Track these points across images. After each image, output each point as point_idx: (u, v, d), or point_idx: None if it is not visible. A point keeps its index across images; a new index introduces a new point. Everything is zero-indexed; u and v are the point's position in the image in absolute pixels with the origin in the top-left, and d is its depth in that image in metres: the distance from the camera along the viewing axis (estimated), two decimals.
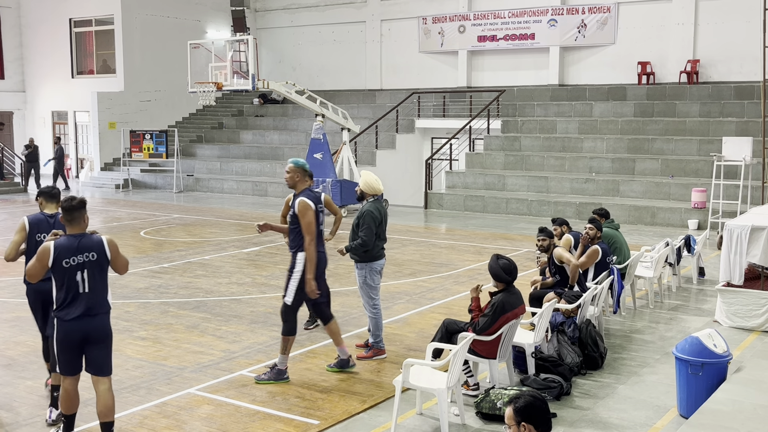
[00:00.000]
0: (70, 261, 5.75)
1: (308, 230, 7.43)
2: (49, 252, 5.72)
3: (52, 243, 5.77)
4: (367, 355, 8.33)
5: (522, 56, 26.32)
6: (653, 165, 20.22)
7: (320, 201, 7.80)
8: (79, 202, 5.87)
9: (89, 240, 5.87)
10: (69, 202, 5.85)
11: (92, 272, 5.84)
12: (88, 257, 5.82)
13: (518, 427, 3.96)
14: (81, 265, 5.78)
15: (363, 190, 8.18)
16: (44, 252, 5.74)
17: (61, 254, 5.73)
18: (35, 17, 31.61)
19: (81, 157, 31.07)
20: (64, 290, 5.77)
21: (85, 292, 5.81)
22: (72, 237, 5.83)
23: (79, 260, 5.78)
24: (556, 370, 7.45)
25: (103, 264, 5.92)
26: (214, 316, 10.10)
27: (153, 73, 29.78)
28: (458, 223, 18.80)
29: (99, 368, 5.98)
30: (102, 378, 5.97)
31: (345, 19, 30.27)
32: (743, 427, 5.59)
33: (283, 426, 6.61)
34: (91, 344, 5.88)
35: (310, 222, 7.42)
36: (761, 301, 9.35)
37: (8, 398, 7.21)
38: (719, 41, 22.84)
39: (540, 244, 9.27)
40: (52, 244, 5.77)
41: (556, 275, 9.01)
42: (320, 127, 20.29)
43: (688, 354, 6.65)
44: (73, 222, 5.85)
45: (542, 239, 9.23)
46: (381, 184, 8.25)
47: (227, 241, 15.96)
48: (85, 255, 5.81)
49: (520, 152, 22.64)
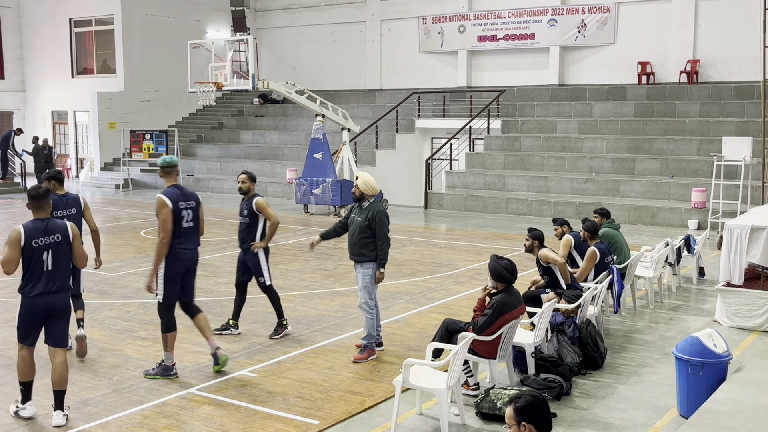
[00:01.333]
0: (39, 242, 6.40)
1: (163, 227, 7.53)
2: (20, 234, 6.37)
3: (21, 226, 6.42)
4: (362, 356, 8.30)
5: (522, 56, 26.33)
6: (653, 165, 20.22)
7: (189, 198, 7.79)
8: (45, 191, 6.54)
9: (54, 224, 6.56)
10: (35, 190, 6.48)
11: (57, 253, 6.49)
12: (53, 239, 6.47)
13: (518, 426, 3.95)
14: (47, 246, 6.43)
15: (363, 191, 8.18)
16: (15, 235, 6.36)
17: (31, 235, 6.39)
18: (35, 17, 31.61)
19: (81, 157, 31.06)
20: (30, 268, 6.41)
21: (49, 270, 6.45)
22: (39, 221, 6.50)
23: (46, 241, 6.43)
24: (556, 370, 7.45)
25: (67, 246, 6.57)
26: (214, 316, 10.09)
27: (153, 73, 29.79)
28: (458, 223, 18.80)
29: (58, 340, 6.62)
30: (59, 350, 6.61)
31: (345, 19, 30.28)
32: (743, 427, 5.59)
33: (283, 426, 6.61)
34: (52, 318, 6.53)
35: (165, 220, 7.52)
36: (761, 301, 9.35)
37: (8, 398, 7.21)
38: (719, 41, 22.84)
39: (524, 244, 9.13)
40: (21, 227, 6.41)
41: (545, 276, 8.98)
42: (320, 127, 20.29)
43: (688, 354, 6.65)
44: (40, 208, 6.53)
45: (526, 239, 9.08)
46: None
47: (227, 241, 15.95)
48: (51, 237, 6.47)
49: (520, 152, 22.64)
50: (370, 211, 8.18)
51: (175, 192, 7.70)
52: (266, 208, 8.99)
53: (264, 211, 8.97)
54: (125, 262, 13.69)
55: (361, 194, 8.20)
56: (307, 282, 12.12)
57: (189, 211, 7.75)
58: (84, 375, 7.87)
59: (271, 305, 9.29)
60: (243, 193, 9.07)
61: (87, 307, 10.17)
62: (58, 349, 6.60)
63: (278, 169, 25.49)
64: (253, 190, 9.07)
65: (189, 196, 7.84)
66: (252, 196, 9.02)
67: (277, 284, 11.91)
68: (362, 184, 8.18)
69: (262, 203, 8.98)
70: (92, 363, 8.23)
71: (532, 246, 8.95)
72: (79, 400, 7.17)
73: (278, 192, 24.02)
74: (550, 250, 8.86)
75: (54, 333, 6.58)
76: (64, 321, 6.63)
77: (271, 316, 10.10)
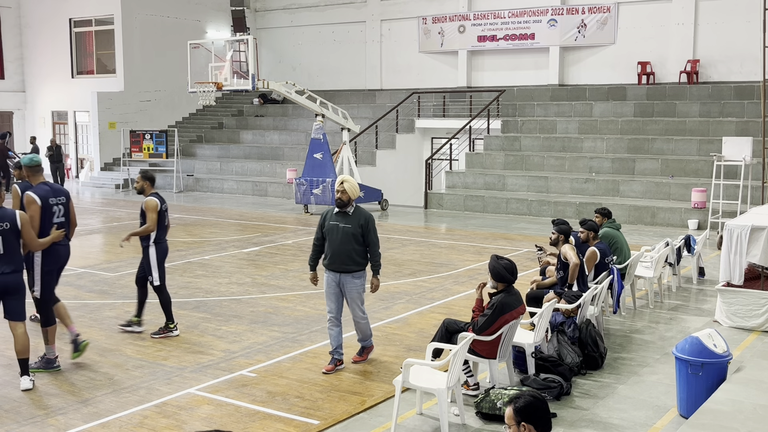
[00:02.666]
0: None
1: (32, 223, 7.79)
2: None
3: None
4: (362, 357, 8.26)
5: (522, 56, 26.33)
6: (653, 165, 20.22)
7: (59, 194, 8.15)
8: None
9: (4, 212, 7.29)
10: None
11: (8, 238, 7.24)
12: (2, 226, 7.21)
13: (518, 426, 3.95)
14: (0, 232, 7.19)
15: (351, 195, 7.76)
16: None
17: None
18: (35, 17, 31.60)
19: (81, 157, 31.06)
20: None
21: (2, 254, 7.20)
22: None
23: None
24: (556, 370, 7.45)
25: (16, 232, 7.31)
26: (214, 316, 10.10)
27: (153, 73, 29.78)
28: (458, 223, 18.80)
29: (16, 315, 7.43)
30: (18, 323, 7.42)
31: (345, 19, 30.27)
32: (743, 427, 5.59)
33: (283, 426, 6.61)
34: (7, 295, 7.33)
35: (32, 216, 7.82)
36: (761, 301, 9.35)
37: (8, 398, 7.21)
38: (719, 41, 22.84)
39: (550, 237, 9.20)
40: None
41: (560, 271, 9.00)
42: (320, 127, 20.29)
43: (688, 354, 6.65)
44: None
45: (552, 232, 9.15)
46: None
47: (227, 241, 15.96)
48: (2, 224, 7.21)
49: (520, 152, 22.64)
50: (360, 217, 7.76)
51: (44, 189, 8.08)
52: (149, 211, 9.02)
53: (146, 213, 9.03)
54: (125, 262, 13.69)
55: (348, 199, 7.74)
56: (306, 282, 12.10)
57: (60, 206, 8.14)
58: (84, 375, 7.87)
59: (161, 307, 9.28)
60: (138, 192, 9.23)
61: (87, 306, 10.59)
62: (17, 322, 7.41)
63: (278, 169, 25.49)
64: (148, 189, 9.12)
65: (58, 191, 8.25)
66: (148, 195, 9.12)
67: (277, 284, 11.98)
68: (350, 189, 7.72)
69: (147, 205, 9.02)
70: (92, 363, 8.23)
71: (558, 240, 8.99)
72: (79, 400, 7.17)
73: (278, 192, 24.02)
74: (571, 248, 8.87)
75: (11, 309, 7.39)
76: (19, 297, 7.37)
77: (272, 315, 10.11)
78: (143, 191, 9.15)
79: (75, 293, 11.31)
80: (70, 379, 7.75)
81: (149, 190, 9.14)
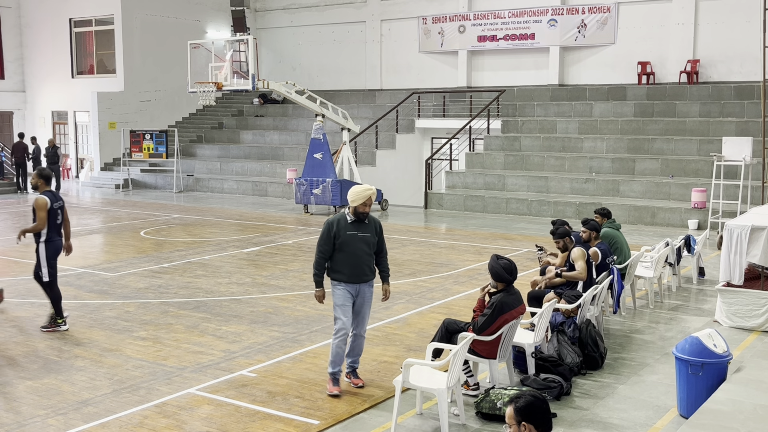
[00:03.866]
0: None
1: None
2: None
3: None
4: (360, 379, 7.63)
5: (522, 56, 26.33)
6: (653, 165, 20.23)
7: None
8: None
9: None
10: None
11: None
12: None
13: (518, 426, 3.95)
14: None
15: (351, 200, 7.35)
16: None
17: None
18: (35, 17, 31.60)
19: (81, 157, 31.06)
20: None
21: None
22: None
23: None
24: (556, 370, 7.45)
25: None
26: (214, 316, 10.10)
27: (153, 73, 29.78)
28: (458, 223, 18.80)
29: None
30: None
31: (345, 19, 30.27)
32: (743, 427, 5.59)
33: (283, 426, 6.61)
34: None
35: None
36: (761, 301, 9.35)
37: (8, 398, 7.21)
38: (719, 41, 22.84)
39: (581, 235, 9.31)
40: None
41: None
42: (320, 127, 20.29)
43: (688, 354, 6.65)
44: None
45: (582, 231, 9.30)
46: None
47: (227, 241, 15.96)
48: None
49: (520, 152, 22.64)
50: (374, 223, 7.44)
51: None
52: (39, 209, 9.15)
53: (36, 211, 9.14)
54: (125, 262, 13.69)
55: None
56: (307, 282, 12.11)
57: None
58: (84, 375, 7.87)
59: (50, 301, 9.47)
60: (33, 189, 9.62)
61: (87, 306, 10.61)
62: None
63: (278, 169, 25.49)
64: (42, 187, 9.29)
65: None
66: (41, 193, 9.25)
67: (277, 284, 11.98)
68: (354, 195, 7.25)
69: (37, 203, 9.13)
70: (92, 363, 8.23)
71: (590, 237, 9.11)
72: (79, 400, 7.17)
73: (278, 192, 24.02)
74: (583, 255, 8.89)
75: None
76: None
77: (272, 315, 10.11)
78: (37, 188, 9.35)
79: (75, 293, 11.31)
80: (70, 379, 7.75)
81: (43, 187, 9.34)
